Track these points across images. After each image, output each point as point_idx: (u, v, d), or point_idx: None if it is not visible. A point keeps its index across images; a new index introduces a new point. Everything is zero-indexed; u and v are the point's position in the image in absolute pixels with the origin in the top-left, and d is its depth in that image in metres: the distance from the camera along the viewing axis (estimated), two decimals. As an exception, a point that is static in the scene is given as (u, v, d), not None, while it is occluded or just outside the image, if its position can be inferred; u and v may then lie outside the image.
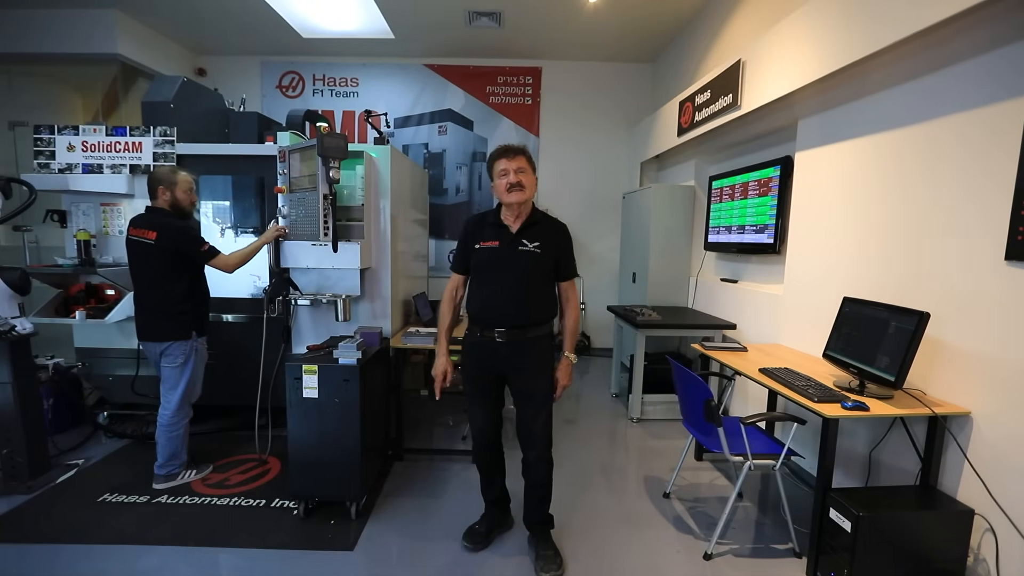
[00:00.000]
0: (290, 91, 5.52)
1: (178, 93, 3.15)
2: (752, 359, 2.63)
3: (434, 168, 5.54)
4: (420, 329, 3.09)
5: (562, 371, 2.03)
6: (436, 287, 5.34)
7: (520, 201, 1.92)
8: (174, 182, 2.52)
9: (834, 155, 2.68)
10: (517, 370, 1.99)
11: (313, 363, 2.31)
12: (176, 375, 2.52)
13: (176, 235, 2.45)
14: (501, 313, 1.96)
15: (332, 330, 2.97)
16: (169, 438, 2.55)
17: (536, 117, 5.51)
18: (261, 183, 3.12)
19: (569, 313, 2.06)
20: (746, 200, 3.52)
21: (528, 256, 1.93)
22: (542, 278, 1.97)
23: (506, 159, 1.92)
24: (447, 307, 2.12)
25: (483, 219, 2.05)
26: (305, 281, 2.95)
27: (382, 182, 3.00)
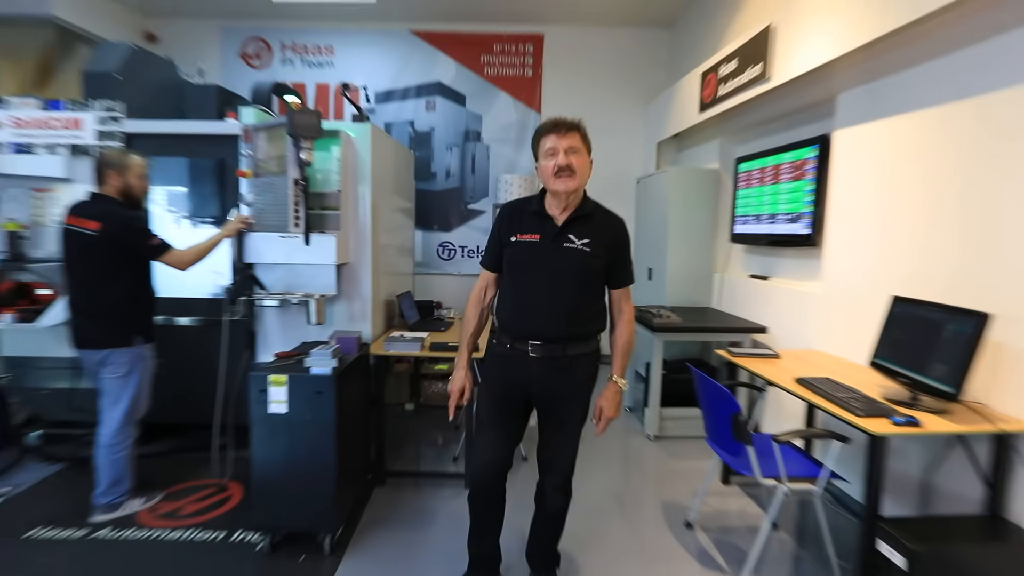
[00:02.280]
0: (255, 60, 5.48)
1: (125, 62, 3.11)
2: (786, 367, 2.61)
3: (421, 149, 5.52)
4: (405, 333, 3.07)
5: (608, 399, 1.93)
6: (423, 285, 5.33)
7: (570, 190, 1.83)
8: (127, 166, 2.49)
9: (881, 132, 2.66)
10: (550, 394, 1.93)
11: (281, 373, 2.28)
12: (118, 388, 2.48)
13: (122, 226, 2.42)
14: (537, 322, 1.88)
15: (303, 335, 2.95)
16: (111, 461, 2.51)
17: (537, 91, 5.49)
18: (221, 166, 3.09)
19: (622, 328, 1.97)
20: (778, 185, 3.51)
21: (575, 255, 1.85)
22: (590, 283, 1.90)
23: (555, 135, 1.82)
24: (473, 310, 2.05)
25: (523, 206, 1.96)
26: (272, 279, 2.92)
27: (361, 165, 2.98)
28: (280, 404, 2.27)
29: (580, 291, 1.88)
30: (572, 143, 1.82)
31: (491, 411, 1.99)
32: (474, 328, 2.05)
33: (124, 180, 2.48)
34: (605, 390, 1.93)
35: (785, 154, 3.43)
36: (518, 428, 2.02)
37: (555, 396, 1.93)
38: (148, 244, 2.45)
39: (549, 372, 1.90)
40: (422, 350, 2.86)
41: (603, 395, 1.93)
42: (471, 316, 2.05)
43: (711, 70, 3.87)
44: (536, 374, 1.90)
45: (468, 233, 5.64)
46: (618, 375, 1.94)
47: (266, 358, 2.92)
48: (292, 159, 2.51)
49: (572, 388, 1.93)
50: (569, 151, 1.81)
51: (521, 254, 1.91)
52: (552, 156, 1.82)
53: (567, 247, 1.86)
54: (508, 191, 5.01)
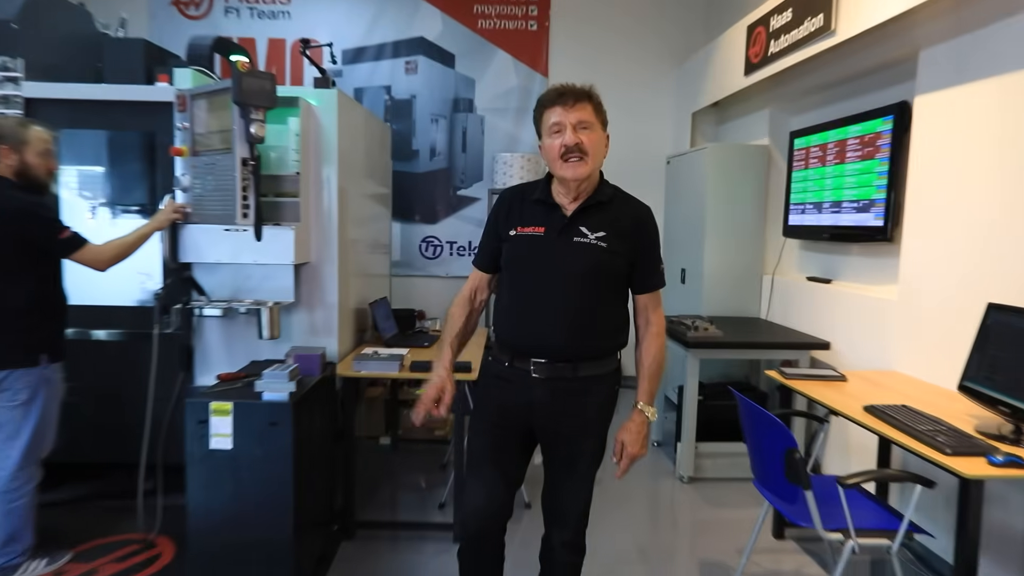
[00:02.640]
0: (191, 10, 5.49)
1: (24, 9, 3.10)
2: (854, 392, 2.61)
3: (399, 121, 5.54)
4: (380, 350, 3.07)
5: (631, 432, 1.90)
6: (404, 290, 5.32)
7: (580, 177, 1.83)
8: (24, 140, 2.48)
9: (977, 98, 2.65)
10: (557, 425, 1.92)
11: (225, 399, 2.29)
12: (17, 419, 2.47)
13: (24, 216, 2.41)
14: (540, 335, 1.88)
15: (253, 352, 2.95)
16: (6, 512, 2.49)
17: (544, 50, 5.50)
18: (150, 141, 3.09)
19: (649, 343, 1.95)
20: (843, 165, 3.52)
21: (587, 251, 1.85)
22: (608, 286, 1.90)
23: (561, 108, 1.81)
24: (460, 310, 2.06)
25: (526, 193, 1.97)
26: (215, 282, 2.92)
27: (326, 141, 2.99)
28: (224, 438, 2.27)
29: (594, 296, 1.88)
30: (582, 116, 1.81)
31: (486, 445, 1.98)
32: (459, 329, 2.04)
33: (21, 157, 2.47)
34: (628, 421, 1.91)
35: (852, 126, 3.44)
36: (519, 467, 2.01)
37: (563, 428, 1.92)
38: (56, 237, 2.44)
39: (556, 398, 1.89)
40: (401, 371, 2.87)
41: (625, 427, 1.91)
42: (456, 316, 2.04)
43: (759, 23, 3.88)
44: (540, 400, 1.89)
45: (458, 226, 5.64)
46: (644, 402, 1.92)
47: (207, 381, 2.90)
48: (239, 134, 2.50)
49: (584, 418, 1.92)
50: (578, 127, 1.80)
51: (522, 251, 1.92)
52: (558, 134, 1.82)
53: (578, 242, 1.86)
54: (507, 173, 5.02)
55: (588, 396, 1.91)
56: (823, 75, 3.65)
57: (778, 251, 4.27)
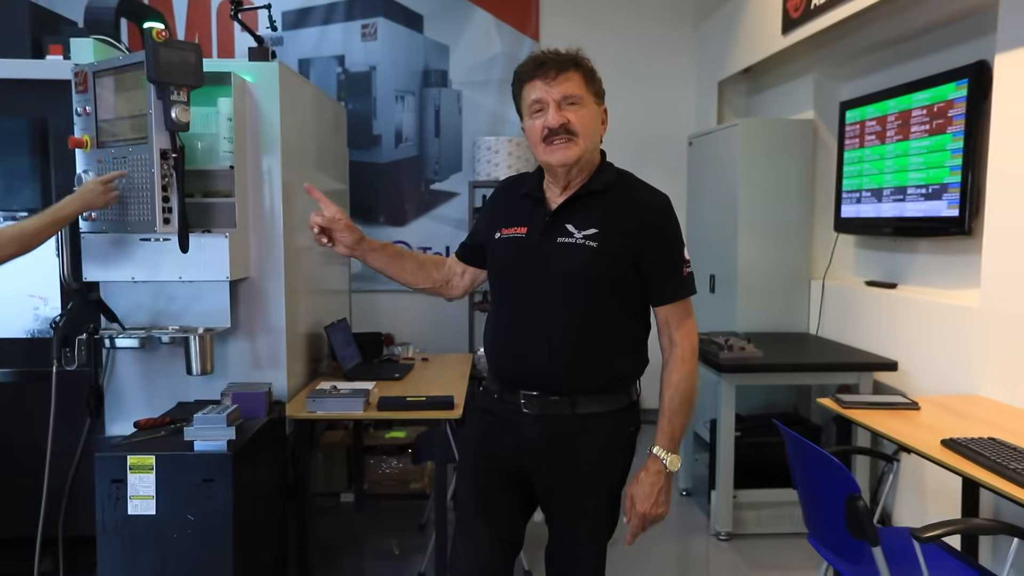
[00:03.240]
0: (92, -36, 5.49)
1: None
2: (929, 423, 2.60)
3: (356, 99, 5.57)
4: (339, 385, 3.08)
5: (643, 486, 1.88)
6: (367, 309, 5.30)
7: (568, 162, 1.84)
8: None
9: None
10: (552, 472, 1.93)
11: (147, 452, 2.30)
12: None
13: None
14: (526, 360, 1.90)
15: (179, 392, 2.96)
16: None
17: (534, 7, 5.54)
18: (41, 129, 3.10)
19: (671, 370, 1.92)
20: (907, 142, 3.52)
21: (574, 253, 1.85)
22: (605, 297, 1.89)
23: (542, 81, 1.81)
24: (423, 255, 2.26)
25: (516, 185, 2.04)
26: (130, 305, 2.93)
27: (266, 127, 3.00)
28: (145, 501, 2.28)
29: (587, 310, 1.87)
30: (568, 90, 1.82)
31: (473, 495, 2.00)
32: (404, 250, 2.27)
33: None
34: (641, 470, 1.90)
35: (918, 94, 3.45)
36: (516, 524, 2.02)
37: (561, 476, 1.92)
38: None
39: (550, 439, 1.89)
40: (367, 409, 2.87)
41: (636, 478, 1.90)
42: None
43: (800, -33, 3.90)
44: (531, 441, 1.90)
45: (432, 227, 5.68)
46: (663, 446, 1.89)
47: (122, 430, 2.89)
48: (157, 119, 2.51)
49: (585, 466, 1.91)
50: (564, 103, 1.81)
51: (503, 258, 1.96)
52: (539, 113, 1.83)
53: (562, 242, 1.86)
54: (492, 162, 5.06)
55: (589, 438, 1.90)
56: (880, 31, 3.65)
57: (829, 250, 4.27)
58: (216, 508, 2.29)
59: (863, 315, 3.90)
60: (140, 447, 2.32)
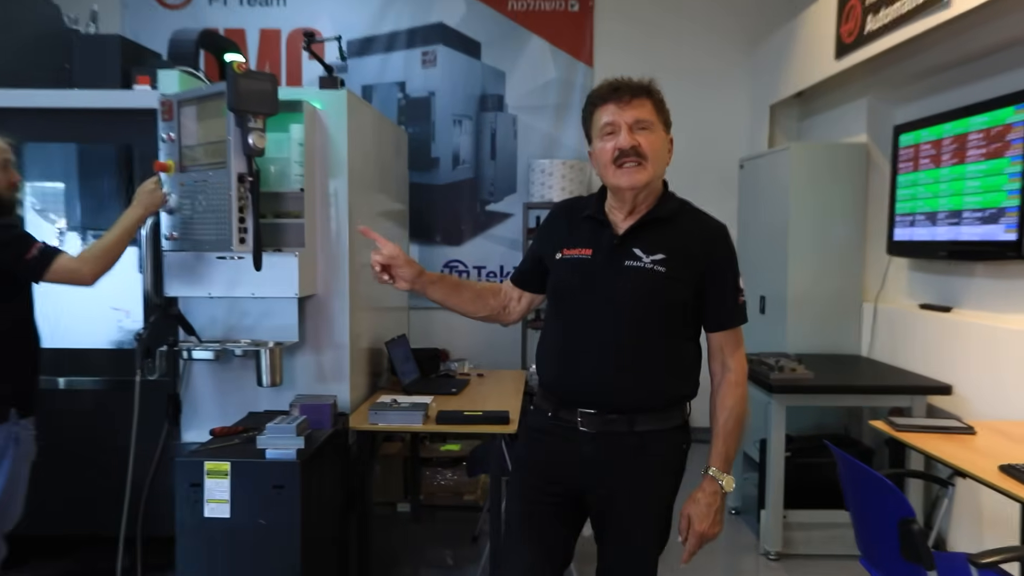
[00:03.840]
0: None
1: (-17, 4, 3.25)
2: (986, 448, 2.54)
3: (416, 123, 5.62)
4: (399, 398, 3.09)
5: (700, 505, 1.89)
6: (424, 326, 5.34)
7: (637, 185, 1.84)
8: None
9: None
10: (609, 490, 1.92)
11: (223, 458, 2.35)
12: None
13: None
14: (587, 380, 1.90)
15: (251, 401, 3.01)
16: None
17: (588, 34, 5.57)
18: (127, 155, 3.17)
19: (726, 393, 1.94)
20: (963, 166, 3.48)
21: (642, 277, 1.86)
22: (669, 320, 1.90)
23: (615, 105, 1.83)
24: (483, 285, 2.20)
25: (577, 208, 2.03)
26: (206, 319, 2.98)
27: (334, 151, 3.06)
28: (220, 505, 2.32)
29: (651, 333, 1.89)
30: (640, 115, 1.83)
31: (525, 513, 2.00)
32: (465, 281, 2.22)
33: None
34: (697, 490, 1.90)
35: (975, 118, 3.40)
36: (566, 541, 2.01)
37: (617, 494, 1.91)
38: (26, 258, 2.44)
39: (608, 457, 1.89)
40: (426, 422, 2.88)
41: (693, 498, 1.90)
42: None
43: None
44: (589, 459, 1.90)
45: (486, 247, 5.70)
46: (718, 467, 1.90)
47: (197, 436, 2.93)
48: (235, 145, 2.54)
49: (643, 484, 1.91)
50: (636, 127, 1.83)
51: (566, 278, 1.95)
52: (611, 136, 1.84)
53: (630, 266, 1.87)
54: (546, 184, 5.07)
55: (648, 456, 1.90)
56: (934, 56, 3.60)
57: (881, 273, 4.23)
58: (285, 514, 2.34)
59: (916, 338, 3.84)
60: (216, 454, 2.38)
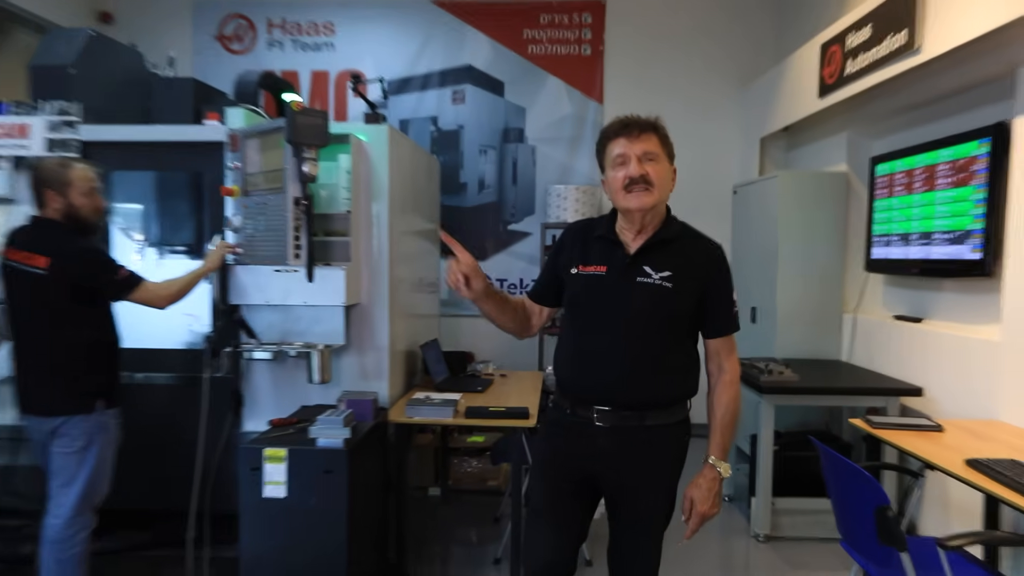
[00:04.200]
0: (235, 43, 5.84)
1: (82, 54, 3.33)
2: (952, 444, 2.57)
3: (446, 153, 5.70)
4: (432, 395, 3.12)
5: (702, 489, 1.92)
6: (452, 331, 5.41)
7: (645, 207, 1.88)
8: (67, 181, 2.57)
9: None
10: (622, 477, 1.96)
11: (280, 445, 2.38)
12: (73, 465, 2.57)
13: (78, 261, 2.54)
14: (602, 381, 1.93)
15: (302, 397, 3.05)
16: (60, 561, 2.58)
17: (599, 75, 5.63)
18: (197, 181, 3.26)
19: (722, 392, 1.98)
20: (933, 193, 3.49)
21: (652, 292, 1.90)
22: (675, 329, 1.94)
23: (625, 139, 1.88)
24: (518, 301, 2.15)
25: (589, 228, 2.05)
26: (263, 324, 3.04)
27: (377, 178, 3.12)
28: (278, 486, 2.36)
29: (660, 340, 1.92)
30: (648, 147, 1.88)
31: (546, 497, 2.02)
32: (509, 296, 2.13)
33: (66, 200, 2.57)
34: (698, 476, 1.93)
35: (943, 150, 3.41)
36: (582, 521, 2.04)
37: (629, 480, 1.95)
38: (113, 279, 2.56)
39: (621, 448, 1.92)
40: (455, 416, 2.93)
41: (695, 483, 1.93)
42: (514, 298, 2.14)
43: (835, 41, 3.91)
44: (604, 450, 1.93)
45: (508, 262, 5.75)
46: (717, 456, 1.94)
47: (255, 426, 3.01)
48: (292, 173, 2.63)
49: (652, 470, 1.95)
50: (644, 158, 1.87)
51: (583, 291, 1.98)
52: (622, 165, 1.89)
53: (641, 282, 1.90)
54: (561, 207, 5.13)
55: (656, 446, 1.94)
56: (908, 95, 3.63)
57: (860, 287, 4.23)
58: (334, 495, 2.36)
59: (891, 346, 3.84)
60: (274, 442, 2.41)
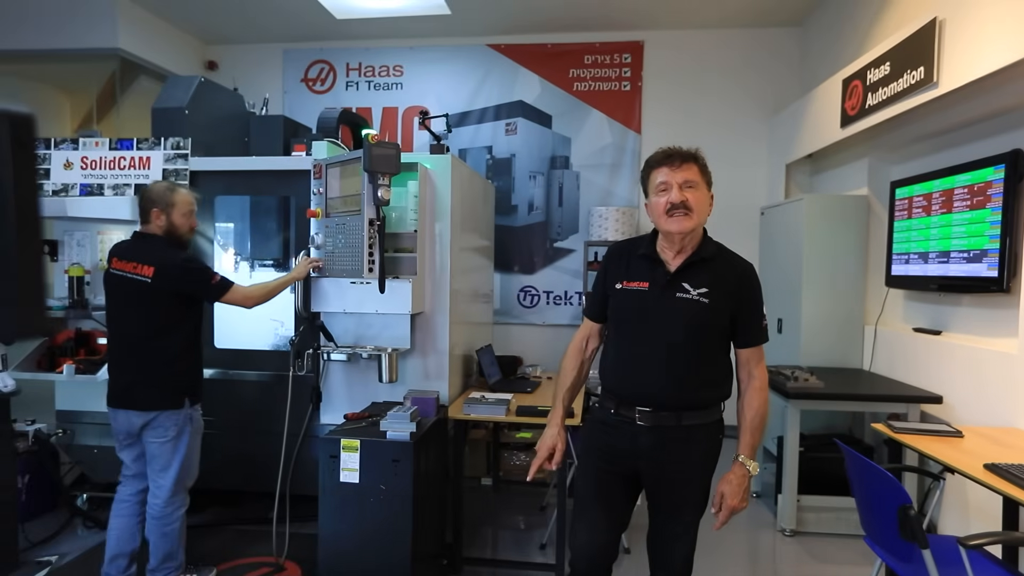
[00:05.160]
0: (318, 85, 6.02)
1: (194, 96, 3.52)
2: (971, 449, 2.50)
3: (499, 178, 5.77)
4: (487, 395, 3.16)
5: (732, 484, 1.90)
6: (503, 337, 5.45)
7: (684, 231, 1.88)
8: (172, 203, 2.67)
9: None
10: (661, 471, 1.96)
11: (354, 437, 2.44)
12: (167, 453, 2.67)
13: (180, 271, 2.63)
14: (645, 385, 1.93)
15: (372, 394, 3.11)
16: (163, 534, 2.70)
17: (637, 108, 5.63)
18: (286, 204, 3.39)
19: (752, 396, 1.96)
20: (950, 215, 3.41)
21: (690, 307, 1.90)
22: (710, 340, 1.94)
23: (668, 168, 1.89)
24: (571, 362, 2.13)
25: (631, 248, 2.04)
26: (340, 329, 3.13)
27: (440, 201, 3.19)
28: (352, 473, 2.42)
29: (697, 349, 1.92)
30: (688, 176, 1.88)
31: (593, 488, 2.03)
32: (572, 382, 2.12)
33: (169, 218, 2.66)
34: (729, 472, 1.92)
35: (959, 176, 3.34)
36: (624, 510, 2.05)
37: (668, 474, 1.95)
38: (210, 284, 2.67)
39: (660, 445, 1.92)
40: (508, 414, 2.95)
41: (726, 479, 1.91)
42: (568, 368, 2.13)
43: (856, 76, 3.85)
44: (645, 446, 1.93)
45: (554, 276, 5.76)
46: (746, 455, 1.92)
47: (330, 418, 3.09)
48: (368, 197, 2.70)
49: (689, 466, 1.95)
50: (684, 186, 1.87)
51: (627, 305, 1.98)
52: (664, 192, 1.89)
53: (681, 297, 1.90)
54: (602, 226, 5.11)
55: (692, 444, 1.93)
56: (925, 125, 3.56)
57: (881, 301, 4.13)
58: (402, 483, 2.41)
59: (911, 356, 3.74)
60: (350, 433, 2.46)
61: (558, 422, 2.06)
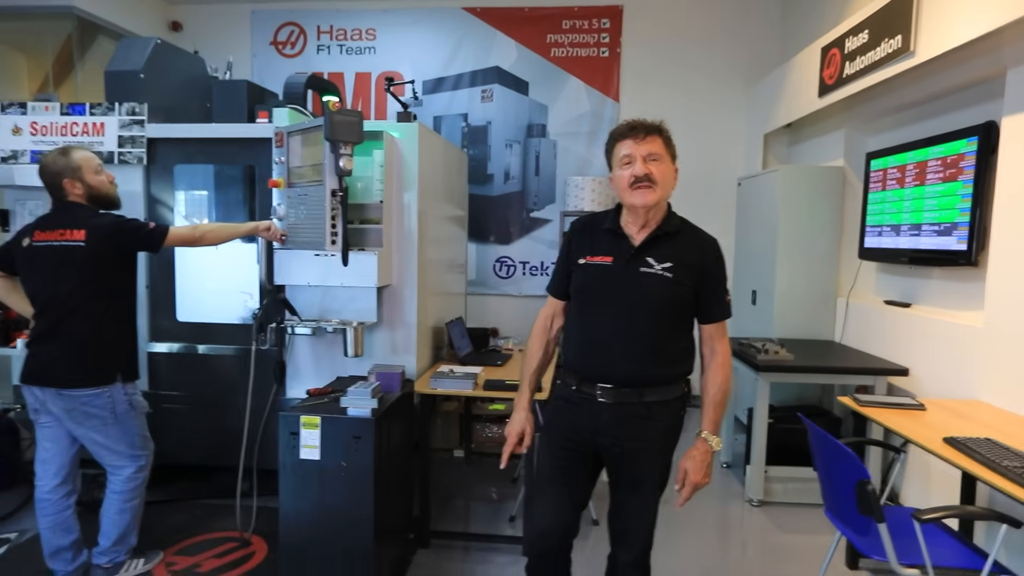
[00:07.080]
0: (288, 48, 5.84)
1: (150, 59, 3.37)
2: (933, 422, 2.52)
3: (475, 147, 5.69)
4: (455, 368, 3.14)
5: (694, 460, 1.89)
6: (477, 308, 5.42)
7: (648, 204, 1.86)
8: (76, 166, 2.50)
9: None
10: (622, 448, 1.95)
11: (315, 414, 2.40)
12: (112, 440, 2.58)
13: (113, 229, 2.49)
14: (607, 362, 1.92)
15: (338, 368, 3.07)
16: (121, 510, 2.64)
17: (615, 75, 5.54)
18: (251, 174, 3.29)
19: (714, 372, 1.95)
20: (923, 187, 3.41)
21: (654, 282, 1.88)
22: (673, 315, 1.92)
23: (632, 140, 1.86)
24: (536, 342, 2.11)
25: (595, 222, 2.02)
26: (304, 302, 3.08)
27: (407, 171, 3.12)
28: (312, 449, 2.38)
29: (660, 325, 1.90)
30: (652, 149, 1.85)
31: (553, 465, 2.03)
32: (537, 363, 2.10)
33: (84, 182, 2.52)
34: (692, 448, 1.91)
35: (933, 148, 3.33)
36: (585, 487, 2.05)
37: (629, 451, 1.94)
38: (146, 230, 2.54)
39: (622, 422, 1.91)
40: (475, 389, 2.93)
41: (688, 455, 1.91)
42: (534, 349, 2.11)
43: (834, 45, 3.81)
44: (606, 423, 1.92)
45: (530, 246, 5.73)
46: (709, 431, 1.92)
47: (296, 393, 3.05)
48: (329, 167, 2.63)
49: (650, 442, 1.94)
50: (648, 158, 1.85)
51: (589, 280, 1.95)
52: (628, 165, 1.86)
53: (644, 272, 1.88)
54: (579, 196, 5.06)
55: (653, 420, 1.92)
56: (902, 95, 3.54)
57: (853, 274, 4.15)
58: (362, 459, 2.37)
59: (881, 328, 3.77)
60: (310, 410, 2.42)
61: (525, 405, 2.05)
